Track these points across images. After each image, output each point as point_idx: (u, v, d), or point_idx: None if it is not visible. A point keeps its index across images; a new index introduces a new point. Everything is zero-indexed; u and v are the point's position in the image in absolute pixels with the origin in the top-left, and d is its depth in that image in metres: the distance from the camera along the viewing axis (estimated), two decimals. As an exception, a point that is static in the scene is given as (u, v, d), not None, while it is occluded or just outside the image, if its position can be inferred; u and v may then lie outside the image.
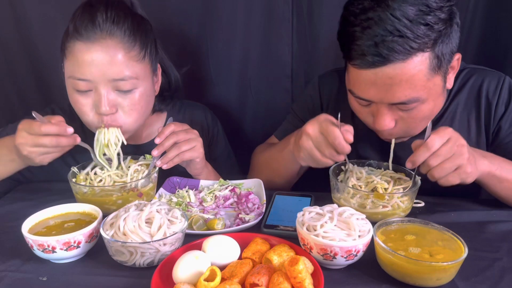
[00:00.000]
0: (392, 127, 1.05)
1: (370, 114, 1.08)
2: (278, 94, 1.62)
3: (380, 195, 1.01)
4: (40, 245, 0.86)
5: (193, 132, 1.16)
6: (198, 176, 1.24)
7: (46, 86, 1.63)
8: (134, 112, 1.13)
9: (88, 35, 1.05)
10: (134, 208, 0.91)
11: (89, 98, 1.10)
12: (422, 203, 1.08)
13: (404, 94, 0.98)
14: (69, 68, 1.09)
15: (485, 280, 0.83)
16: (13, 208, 1.14)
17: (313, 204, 1.10)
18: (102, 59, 1.06)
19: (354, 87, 1.04)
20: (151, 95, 1.20)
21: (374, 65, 0.95)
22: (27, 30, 1.56)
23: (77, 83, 1.08)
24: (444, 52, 0.97)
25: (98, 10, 1.07)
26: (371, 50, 0.94)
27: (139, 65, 1.11)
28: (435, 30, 0.93)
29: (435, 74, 0.98)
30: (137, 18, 1.15)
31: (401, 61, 0.94)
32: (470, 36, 1.46)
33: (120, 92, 1.10)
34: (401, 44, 0.92)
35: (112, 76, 1.07)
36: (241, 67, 1.60)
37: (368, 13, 0.94)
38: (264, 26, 1.53)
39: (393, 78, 0.96)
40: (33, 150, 1.03)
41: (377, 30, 0.92)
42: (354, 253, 0.83)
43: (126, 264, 0.87)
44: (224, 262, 0.84)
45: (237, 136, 1.64)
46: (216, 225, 0.99)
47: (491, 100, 1.15)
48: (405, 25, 0.91)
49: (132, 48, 1.09)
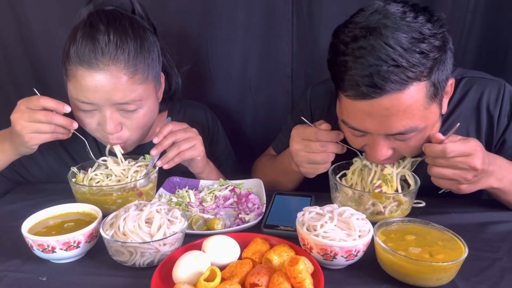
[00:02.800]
0: (388, 156, 1.01)
1: (364, 144, 1.04)
2: (278, 94, 1.62)
3: (378, 195, 1.00)
4: (40, 245, 0.86)
5: (192, 131, 1.15)
6: (200, 174, 1.24)
7: (46, 86, 1.63)
8: (138, 129, 1.14)
9: (91, 62, 1.03)
10: (134, 208, 0.91)
11: (94, 117, 1.10)
12: (423, 203, 1.07)
13: (402, 125, 0.93)
14: (72, 90, 1.08)
15: (485, 280, 0.83)
16: (13, 208, 1.14)
17: (313, 204, 1.10)
18: (106, 86, 1.04)
19: (349, 118, 0.99)
20: (155, 109, 1.19)
21: (370, 96, 0.90)
22: (27, 30, 1.56)
23: (81, 105, 1.08)
24: (440, 79, 0.93)
25: (99, 32, 1.04)
26: (365, 80, 0.89)
27: (143, 86, 1.10)
28: (430, 58, 0.89)
29: (432, 102, 0.94)
30: (141, 33, 1.10)
31: (398, 91, 0.89)
32: (470, 36, 1.46)
33: (124, 111, 1.10)
34: (397, 73, 0.87)
35: (116, 100, 1.06)
36: (241, 67, 1.60)
37: (359, 42, 0.89)
38: (264, 26, 1.53)
39: (390, 109, 0.91)
40: (26, 125, 1.03)
41: (371, 59, 0.87)
42: (354, 253, 0.83)
43: (126, 264, 0.87)
44: (224, 262, 0.84)
45: (237, 136, 1.64)
46: (216, 225, 0.99)
47: (493, 113, 1.11)
48: (400, 53, 0.86)
49: (136, 72, 1.07)
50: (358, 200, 1.03)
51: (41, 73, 1.63)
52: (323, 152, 1.04)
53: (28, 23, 1.55)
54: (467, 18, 1.43)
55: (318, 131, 1.04)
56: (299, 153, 1.07)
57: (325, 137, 1.03)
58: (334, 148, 1.05)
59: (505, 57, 1.43)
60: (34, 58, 1.60)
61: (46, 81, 1.63)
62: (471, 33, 1.45)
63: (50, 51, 1.56)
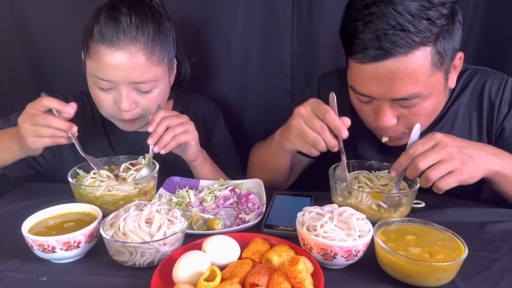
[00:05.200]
0: (394, 124, 1.04)
1: (371, 112, 1.07)
2: (278, 94, 1.62)
3: (377, 194, 1.00)
4: (40, 245, 0.86)
5: (183, 117, 1.16)
6: (194, 162, 1.24)
7: (46, 86, 1.63)
8: (152, 108, 1.19)
9: (113, 41, 1.09)
10: (134, 208, 0.91)
11: (110, 95, 1.16)
12: (423, 203, 1.07)
13: (406, 89, 0.98)
14: (92, 67, 1.13)
15: (485, 280, 0.83)
16: (13, 208, 1.14)
17: (313, 204, 1.10)
18: (125, 64, 1.10)
19: (356, 83, 1.04)
20: (167, 91, 1.26)
21: (376, 59, 0.96)
22: (27, 30, 1.56)
23: (99, 82, 1.13)
24: (446, 48, 0.97)
25: (122, 14, 1.10)
26: (373, 43, 0.94)
27: (158, 68, 1.16)
28: (437, 25, 0.94)
29: (437, 70, 0.98)
30: (158, 18, 1.17)
31: (403, 55, 0.94)
32: (470, 36, 1.46)
33: (139, 91, 1.16)
34: (403, 37, 0.92)
35: (134, 79, 1.12)
36: (241, 67, 1.60)
37: (370, 8, 0.95)
38: (264, 26, 1.53)
39: (395, 72, 0.96)
40: (28, 128, 1.03)
41: (380, 24, 0.93)
42: (354, 253, 0.83)
43: (126, 264, 0.87)
44: (224, 262, 0.84)
45: (237, 136, 1.64)
46: (216, 225, 0.99)
47: (494, 101, 1.15)
48: (407, 19, 0.92)
49: (153, 53, 1.14)
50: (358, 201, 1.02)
51: (41, 73, 1.63)
52: (318, 134, 1.00)
53: (28, 23, 1.55)
54: (467, 18, 1.43)
55: (330, 112, 0.98)
56: (299, 119, 1.02)
57: (331, 120, 0.98)
58: (330, 139, 1.00)
59: (505, 57, 1.44)
60: (34, 58, 1.61)
61: (46, 81, 1.63)
62: (471, 33, 1.45)
63: (50, 51, 1.56)
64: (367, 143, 1.24)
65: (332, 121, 0.98)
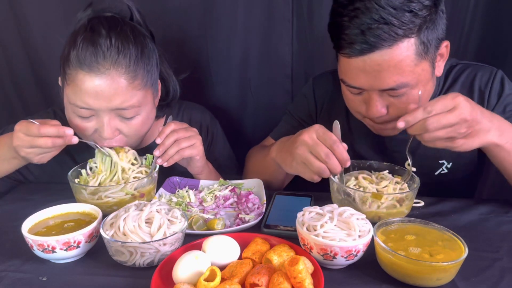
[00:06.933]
0: (384, 113, 1.07)
1: (362, 103, 1.10)
2: (278, 94, 1.62)
3: (377, 195, 1.00)
4: (40, 245, 0.86)
5: (193, 130, 1.16)
6: (199, 175, 1.24)
7: (46, 86, 1.63)
8: (135, 136, 1.15)
9: (92, 65, 1.03)
10: (134, 208, 0.91)
11: (91, 122, 1.10)
12: (422, 203, 1.07)
13: (393, 80, 1.00)
14: (71, 95, 1.07)
15: (485, 280, 0.83)
16: (13, 208, 1.14)
17: (313, 204, 1.10)
18: (107, 91, 1.04)
19: (346, 75, 1.07)
20: (152, 116, 1.20)
21: (362, 53, 0.98)
22: (27, 30, 1.56)
23: (79, 110, 1.08)
24: (430, 38, 1.00)
25: (101, 36, 1.04)
26: (358, 38, 0.97)
27: (141, 93, 1.11)
28: (419, 16, 0.96)
29: (422, 59, 1.01)
30: (141, 40, 1.11)
31: (388, 47, 0.97)
32: (470, 36, 1.46)
33: (122, 117, 1.10)
34: (387, 31, 0.95)
35: (116, 106, 1.07)
36: (241, 67, 1.60)
37: (355, 4, 0.97)
38: (264, 26, 1.53)
39: (381, 64, 0.99)
40: (30, 151, 1.03)
41: (364, 19, 0.96)
42: (354, 253, 0.83)
43: (126, 264, 0.87)
44: (224, 262, 0.84)
45: (237, 136, 1.64)
46: (216, 225, 0.99)
47: (484, 92, 1.17)
48: (390, 13, 0.94)
49: (135, 77, 1.08)
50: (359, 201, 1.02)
51: (41, 73, 1.63)
52: (323, 163, 0.99)
53: (28, 24, 1.55)
54: (467, 18, 1.43)
55: (338, 143, 0.98)
56: (303, 147, 1.01)
57: (339, 152, 0.97)
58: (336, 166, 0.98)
59: (505, 57, 1.44)
60: (34, 58, 1.61)
61: (46, 81, 1.63)
62: (471, 33, 1.46)
63: (50, 51, 1.56)
64: (363, 141, 1.26)
65: (339, 154, 0.97)
